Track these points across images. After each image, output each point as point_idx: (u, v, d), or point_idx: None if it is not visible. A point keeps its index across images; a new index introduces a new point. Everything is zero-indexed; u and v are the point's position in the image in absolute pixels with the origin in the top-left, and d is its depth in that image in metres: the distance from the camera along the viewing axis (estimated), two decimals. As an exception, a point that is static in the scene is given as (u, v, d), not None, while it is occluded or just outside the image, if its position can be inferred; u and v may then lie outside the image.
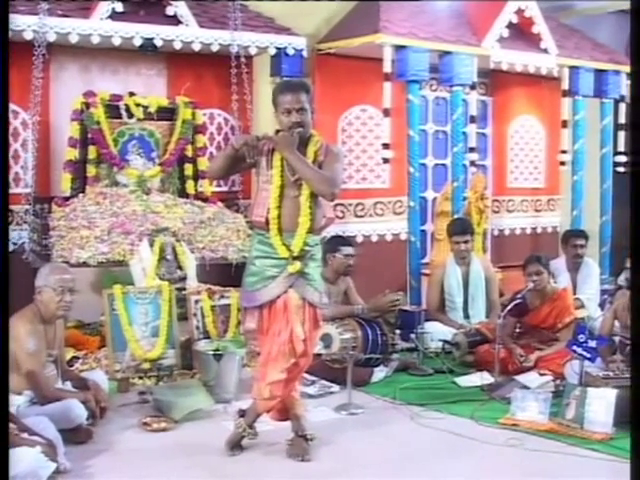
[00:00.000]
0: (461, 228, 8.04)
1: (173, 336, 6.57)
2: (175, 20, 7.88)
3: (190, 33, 7.91)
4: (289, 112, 4.71)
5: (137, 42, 7.67)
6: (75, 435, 4.97)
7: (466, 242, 7.91)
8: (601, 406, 5.30)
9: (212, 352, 6.29)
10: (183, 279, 7.13)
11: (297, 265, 4.75)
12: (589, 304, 8.10)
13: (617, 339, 6.42)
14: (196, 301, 6.83)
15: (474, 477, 4.68)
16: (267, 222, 4.78)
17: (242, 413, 5.05)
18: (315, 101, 9.02)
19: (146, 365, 6.35)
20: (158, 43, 7.78)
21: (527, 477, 4.74)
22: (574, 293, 7.74)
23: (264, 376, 4.84)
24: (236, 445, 4.97)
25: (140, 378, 6.30)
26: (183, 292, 6.92)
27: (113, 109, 7.82)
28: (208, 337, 6.72)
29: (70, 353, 6.56)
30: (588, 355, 5.63)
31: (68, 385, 5.45)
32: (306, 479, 4.63)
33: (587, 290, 8.15)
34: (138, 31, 7.62)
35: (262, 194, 4.83)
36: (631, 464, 3.69)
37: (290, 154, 4.68)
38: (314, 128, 4.96)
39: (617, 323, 6.43)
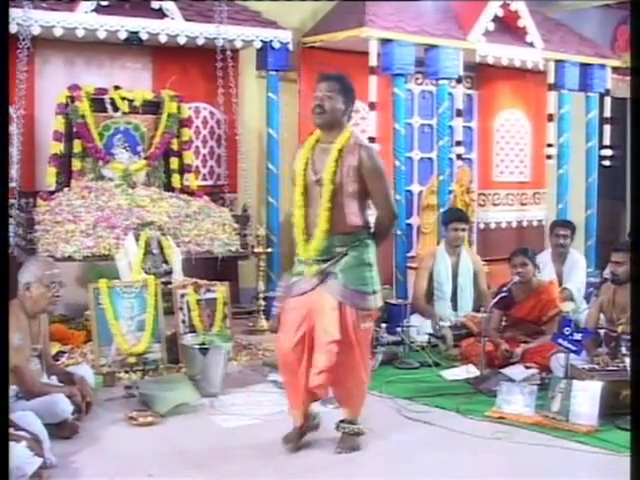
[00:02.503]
0: (459, 215, 8.07)
1: (159, 330, 6.56)
2: (160, 14, 7.88)
3: (176, 27, 7.91)
4: (316, 97, 4.69)
5: (122, 36, 7.66)
6: (61, 430, 4.95)
7: (463, 230, 7.94)
8: (586, 399, 5.31)
9: (198, 346, 6.28)
10: (169, 273, 7.12)
11: (313, 269, 4.69)
12: (578, 295, 8.10)
13: (602, 332, 6.44)
14: (182, 295, 6.82)
15: (461, 470, 4.69)
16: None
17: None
18: (300, 95, 9.06)
19: (132, 359, 6.33)
20: (143, 37, 7.77)
21: (513, 470, 4.74)
22: (560, 285, 7.75)
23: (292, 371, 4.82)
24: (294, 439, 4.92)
25: (126, 372, 6.29)
26: (169, 286, 6.91)
27: (98, 103, 7.81)
28: (194, 331, 6.71)
29: (56, 348, 6.54)
30: (573, 348, 5.65)
31: (54, 380, 5.42)
32: (292, 474, 4.63)
33: (575, 281, 8.14)
34: (123, 24, 7.61)
35: (293, 195, 4.81)
36: (631, 463, 3.70)
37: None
38: (299, 120, 4.95)
39: (602, 316, 6.45)
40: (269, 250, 8.34)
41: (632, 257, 4.39)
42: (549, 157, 10.14)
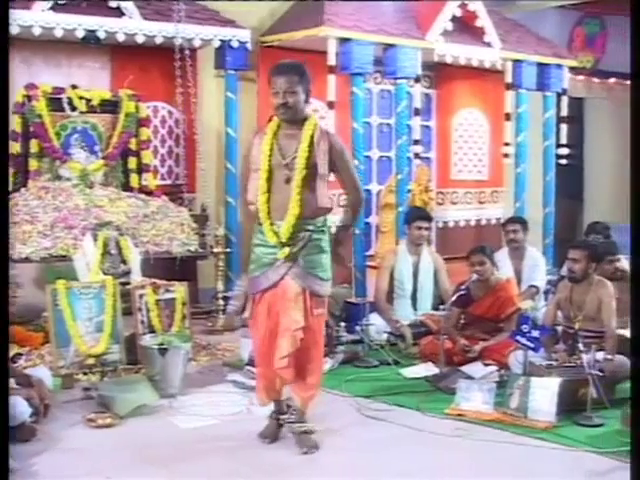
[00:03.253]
0: (423, 214, 8.09)
1: (117, 331, 6.51)
2: (118, 12, 7.83)
3: (134, 25, 7.87)
4: (277, 94, 4.70)
5: (80, 34, 7.61)
6: (19, 433, 4.89)
7: (427, 229, 7.96)
8: (544, 395, 5.35)
9: (157, 346, 6.24)
10: (127, 273, 7.09)
11: (285, 251, 4.71)
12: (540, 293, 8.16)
13: (560, 329, 6.50)
14: (140, 295, 6.77)
15: (421, 467, 4.71)
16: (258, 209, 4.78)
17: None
18: (259, 94, 9.05)
19: (90, 361, 6.28)
20: (101, 35, 7.72)
21: (473, 466, 4.77)
22: (518, 283, 7.80)
23: (266, 363, 4.90)
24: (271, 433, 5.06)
25: (84, 374, 6.23)
26: (127, 286, 6.86)
27: (55, 102, 7.76)
28: (153, 331, 6.67)
29: (13, 350, 6.47)
30: (531, 345, 5.70)
31: (11, 382, 5.37)
32: (253, 474, 4.62)
33: (539, 279, 8.18)
34: (81, 23, 7.56)
35: (254, 182, 4.80)
36: (631, 464, 3.73)
37: (344, 241, 5.10)
38: (258, 120, 4.95)
39: (560, 313, 6.50)
40: (228, 250, 8.31)
41: (632, 257, 4.39)
42: (507, 156, 10.21)
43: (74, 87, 7.91)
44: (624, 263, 7.40)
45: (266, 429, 5.05)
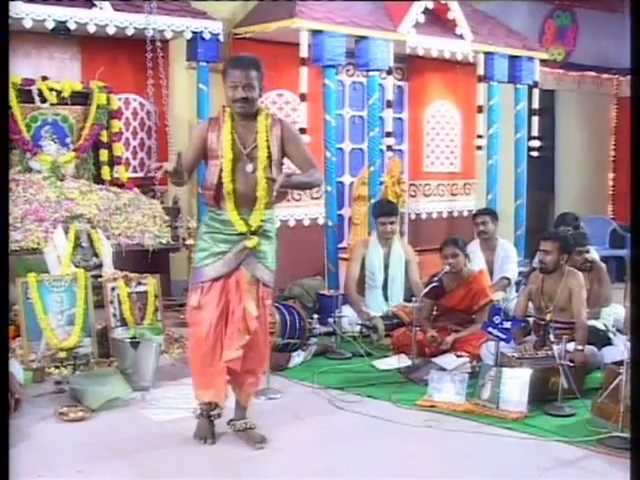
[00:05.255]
0: (388, 209, 8.07)
1: (89, 324, 6.49)
2: (89, 3, 7.78)
3: (104, 16, 7.81)
4: (235, 87, 4.67)
5: (49, 25, 7.55)
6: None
7: (392, 223, 7.96)
8: (516, 386, 5.40)
9: (129, 339, 6.24)
10: (99, 266, 7.06)
11: (255, 240, 4.72)
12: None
13: (531, 320, 6.54)
14: (112, 288, 6.75)
15: (393, 458, 4.73)
16: (216, 198, 4.76)
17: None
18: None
19: (62, 354, 6.25)
20: (71, 26, 7.66)
21: (445, 457, 4.80)
22: (490, 274, 7.84)
23: (211, 357, 4.77)
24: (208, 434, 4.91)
25: (56, 367, 6.21)
26: (99, 279, 6.83)
27: (25, 94, 7.70)
28: (125, 324, 6.65)
29: (-17, 343, 6.43)
30: (503, 336, 5.73)
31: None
32: (224, 466, 4.62)
33: (512, 270, 8.21)
34: (50, 13, 7.50)
35: (211, 170, 4.80)
36: (631, 462, 3.75)
37: (285, 190, 4.67)
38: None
39: (531, 304, 6.54)
40: (200, 242, 8.27)
41: (632, 256, 4.40)
42: (479, 148, 10.26)
43: (44, 78, 7.86)
44: (594, 254, 7.47)
45: (200, 430, 4.91)
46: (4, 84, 4.08)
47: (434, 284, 6.83)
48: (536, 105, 10.62)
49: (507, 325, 5.74)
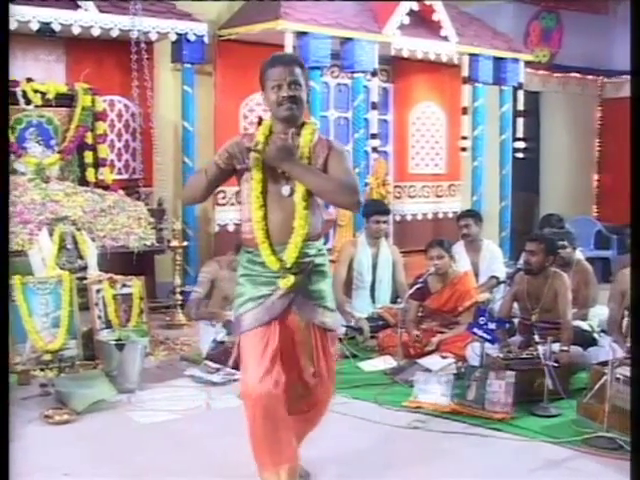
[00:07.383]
0: (381, 208, 8.07)
1: (74, 326, 6.47)
2: (74, 5, 7.76)
3: (89, 18, 7.80)
4: (280, 86, 3.84)
5: (34, 26, 7.53)
6: (-26, 430, 4.86)
7: (385, 222, 7.96)
8: (501, 387, 5.40)
9: (114, 342, 6.22)
10: (84, 268, 7.04)
11: (290, 279, 3.82)
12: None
13: (517, 321, 6.55)
14: (97, 290, 6.74)
15: (379, 460, 4.73)
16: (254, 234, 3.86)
17: None
18: (216, 88, 9.02)
19: (47, 356, 6.23)
20: (56, 28, 7.65)
21: (430, 458, 4.80)
22: (476, 276, 7.84)
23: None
24: None
25: (41, 370, 6.19)
26: (84, 281, 6.82)
27: (10, 95, 7.65)
28: (110, 327, 6.64)
29: (-32, 346, 6.41)
30: (488, 337, 5.73)
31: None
32: (210, 469, 4.61)
33: (499, 271, 8.21)
34: (35, 15, 7.48)
35: (244, 196, 3.93)
36: (631, 463, 3.76)
37: (292, 165, 3.78)
38: (215, 113, 4.84)
39: (516, 305, 6.55)
40: (185, 244, 8.27)
41: (632, 255, 4.39)
42: (464, 149, 10.29)
43: (29, 80, 7.84)
44: (579, 255, 7.47)
45: None
46: (4, 84, 4.06)
47: (419, 285, 6.83)
48: (521, 107, 10.65)
49: (492, 326, 5.74)
